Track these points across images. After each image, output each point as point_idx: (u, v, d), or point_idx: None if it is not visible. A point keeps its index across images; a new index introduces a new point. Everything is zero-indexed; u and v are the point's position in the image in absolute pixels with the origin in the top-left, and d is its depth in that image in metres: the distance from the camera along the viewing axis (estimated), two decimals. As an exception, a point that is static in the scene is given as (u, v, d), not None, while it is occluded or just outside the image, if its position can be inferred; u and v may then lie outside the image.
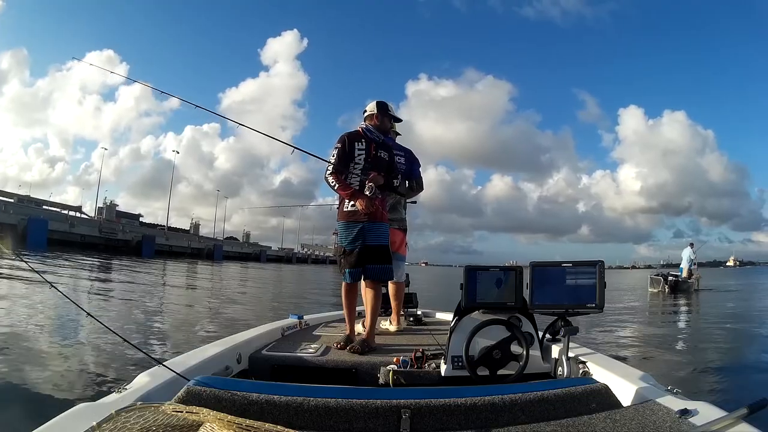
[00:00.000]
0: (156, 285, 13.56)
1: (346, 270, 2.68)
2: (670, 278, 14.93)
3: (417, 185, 3.46)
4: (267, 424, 0.92)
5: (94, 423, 0.94)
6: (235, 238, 79.52)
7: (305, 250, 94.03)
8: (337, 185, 2.67)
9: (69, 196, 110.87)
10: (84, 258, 22.25)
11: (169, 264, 27.47)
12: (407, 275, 3.52)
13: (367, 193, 2.62)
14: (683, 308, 11.67)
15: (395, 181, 2.84)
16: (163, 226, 59.14)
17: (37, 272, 1.75)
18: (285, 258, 72.08)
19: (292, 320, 3.04)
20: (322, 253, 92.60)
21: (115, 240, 39.45)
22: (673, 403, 1.27)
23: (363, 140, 2.73)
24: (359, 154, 2.70)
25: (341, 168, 2.68)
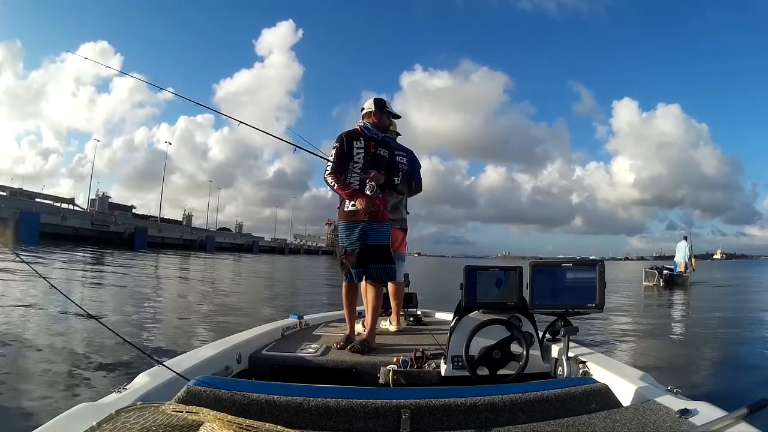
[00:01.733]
0: (150, 280, 13.47)
1: (348, 270, 2.66)
2: (665, 272, 15.03)
3: (416, 186, 3.45)
4: (267, 424, 0.92)
5: (94, 423, 0.93)
6: (228, 229, 79.18)
7: (298, 240, 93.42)
8: (336, 185, 2.63)
9: (62, 188, 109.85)
10: (76, 252, 21.99)
11: (161, 257, 27.23)
12: (407, 275, 3.50)
13: (368, 192, 2.59)
14: (679, 303, 11.72)
15: (396, 179, 2.80)
16: (156, 217, 58.77)
17: (38, 273, 1.71)
18: (278, 249, 71.72)
19: (292, 320, 3.02)
20: (314, 244, 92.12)
21: (107, 232, 39.04)
22: (673, 403, 1.28)
23: (361, 138, 2.70)
24: (358, 153, 2.67)
25: (341, 167, 2.64)
